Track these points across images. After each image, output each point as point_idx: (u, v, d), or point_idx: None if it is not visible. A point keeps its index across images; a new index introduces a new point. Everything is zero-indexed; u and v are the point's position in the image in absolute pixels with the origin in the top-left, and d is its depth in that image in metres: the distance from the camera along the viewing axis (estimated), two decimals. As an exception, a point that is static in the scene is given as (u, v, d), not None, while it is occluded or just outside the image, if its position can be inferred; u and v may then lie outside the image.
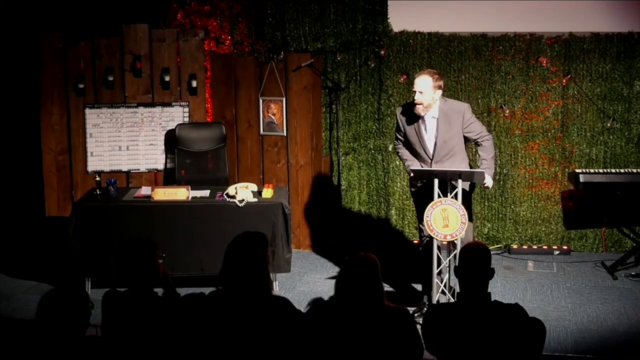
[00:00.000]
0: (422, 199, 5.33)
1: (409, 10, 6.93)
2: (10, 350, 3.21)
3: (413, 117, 5.32)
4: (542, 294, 5.92)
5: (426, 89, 5.18)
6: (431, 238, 5.22)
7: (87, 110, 6.84)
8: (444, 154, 5.30)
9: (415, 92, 5.23)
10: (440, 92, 5.27)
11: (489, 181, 5.25)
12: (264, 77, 6.91)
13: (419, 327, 3.77)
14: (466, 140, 5.41)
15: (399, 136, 5.48)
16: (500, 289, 5.97)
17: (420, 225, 5.46)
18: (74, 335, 3.18)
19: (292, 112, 6.91)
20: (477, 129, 5.35)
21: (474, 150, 5.86)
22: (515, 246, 6.89)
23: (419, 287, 5.68)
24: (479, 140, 5.38)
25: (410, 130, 5.35)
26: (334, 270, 6.36)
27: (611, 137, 6.73)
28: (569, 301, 5.78)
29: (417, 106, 5.23)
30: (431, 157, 5.32)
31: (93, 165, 6.86)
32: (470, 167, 5.49)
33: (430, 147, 5.31)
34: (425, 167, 5.34)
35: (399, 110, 5.47)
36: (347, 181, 7.19)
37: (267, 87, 6.92)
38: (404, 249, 6.88)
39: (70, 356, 3.15)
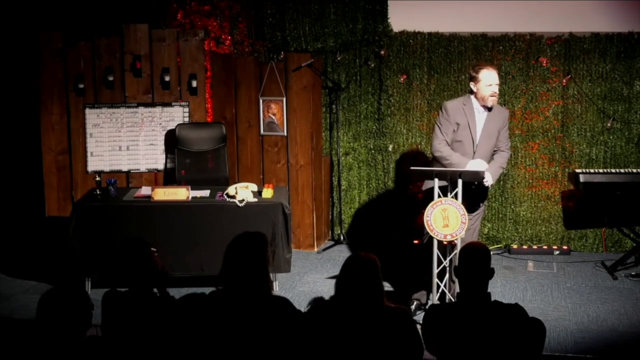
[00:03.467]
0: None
1: (409, 10, 6.93)
2: (10, 350, 3.21)
3: (464, 111, 5.34)
4: (542, 294, 5.93)
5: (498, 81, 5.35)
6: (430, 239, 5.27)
7: (87, 110, 6.84)
8: (485, 149, 5.35)
9: (493, 85, 5.27)
10: None
11: (488, 178, 5.27)
12: (264, 77, 6.91)
13: (419, 327, 3.77)
14: None
15: (446, 133, 5.31)
16: (500, 289, 5.98)
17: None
18: (74, 335, 3.18)
19: (292, 112, 6.91)
20: (506, 136, 5.48)
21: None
22: (515, 246, 6.89)
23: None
24: (500, 146, 5.44)
25: (462, 122, 5.32)
26: (334, 270, 6.36)
27: (611, 137, 6.73)
28: (569, 301, 5.78)
29: (494, 99, 5.31)
30: (475, 151, 5.33)
31: (93, 165, 6.86)
32: None
33: (477, 140, 5.34)
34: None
35: (450, 106, 5.36)
36: (347, 181, 7.19)
37: (267, 87, 6.92)
38: (403, 249, 6.88)
39: (70, 356, 3.15)
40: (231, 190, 5.78)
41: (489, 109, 5.35)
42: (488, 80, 5.27)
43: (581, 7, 6.69)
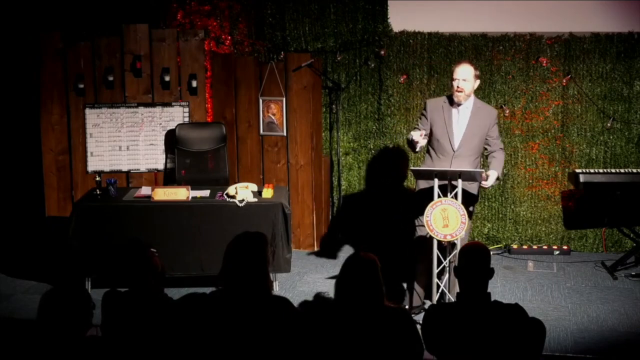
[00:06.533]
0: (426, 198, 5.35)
1: (409, 10, 6.93)
2: (11, 350, 3.21)
3: (442, 109, 5.39)
4: (542, 294, 5.93)
5: (469, 77, 5.31)
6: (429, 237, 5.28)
7: (87, 110, 6.84)
8: (467, 148, 5.33)
9: (456, 80, 5.29)
10: (479, 82, 5.45)
11: (488, 180, 5.25)
12: (264, 77, 6.91)
13: (419, 327, 3.77)
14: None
15: (421, 125, 5.43)
16: (500, 289, 5.98)
17: (419, 219, 5.46)
18: (75, 335, 3.18)
19: (292, 112, 6.91)
20: (497, 134, 5.45)
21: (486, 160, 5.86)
22: (515, 246, 6.88)
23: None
24: (494, 148, 5.44)
25: (438, 120, 5.37)
26: (334, 270, 6.36)
27: (611, 137, 6.73)
28: (569, 301, 5.79)
29: (459, 94, 5.30)
30: (455, 149, 5.34)
31: (93, 165, 6.86)
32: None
33: (457, 137, 5.34)
34: (445, 162, 5.32)
35: (429, 102, 5.49)
36: (347, 181, 7.19)
37: (267, 87, 6.92)
38: (403, 249, 6.88)
39: (71, 356, 3.15)
40: (231, 190, 5.78)
41: (473, 109, 5.35)
42: (453, 75, 5.33)
43: (581, 7, 6.69)
